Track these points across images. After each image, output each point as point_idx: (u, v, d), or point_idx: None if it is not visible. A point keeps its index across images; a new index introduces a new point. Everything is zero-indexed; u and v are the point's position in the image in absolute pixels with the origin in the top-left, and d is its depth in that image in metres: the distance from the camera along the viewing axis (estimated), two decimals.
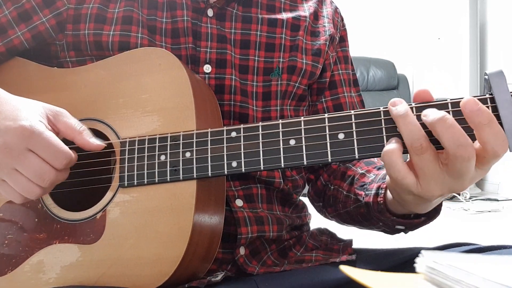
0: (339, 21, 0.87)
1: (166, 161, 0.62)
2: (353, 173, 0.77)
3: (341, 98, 0.84)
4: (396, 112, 0.53)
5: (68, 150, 0.59)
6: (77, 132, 0.62)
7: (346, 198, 0.76)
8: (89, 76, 0.70)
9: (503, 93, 0.51)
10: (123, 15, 0.72)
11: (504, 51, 3.77)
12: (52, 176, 0.58)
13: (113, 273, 0.61)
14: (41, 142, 0.57)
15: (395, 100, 0.54)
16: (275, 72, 0.76)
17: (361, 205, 0.71)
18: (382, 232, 0.74)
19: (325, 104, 0.83)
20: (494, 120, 0.49)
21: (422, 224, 0.65)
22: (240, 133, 0.60)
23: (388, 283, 0.40)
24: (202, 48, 0.73)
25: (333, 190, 0.80)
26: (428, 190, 0.53)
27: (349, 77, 0.87)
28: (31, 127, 0.56)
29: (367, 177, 0.73)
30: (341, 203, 0.77)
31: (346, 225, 0.82)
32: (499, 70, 0.52)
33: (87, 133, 0.63)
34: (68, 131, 0.62)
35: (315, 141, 0.57)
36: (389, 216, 0.65)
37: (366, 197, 0.69)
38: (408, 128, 0.52)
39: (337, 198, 0.78)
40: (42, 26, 0.73)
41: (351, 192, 0.75)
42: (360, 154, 0.55)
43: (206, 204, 0.63)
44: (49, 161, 0.57)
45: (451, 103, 0.53)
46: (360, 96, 0.88)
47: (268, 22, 0.78)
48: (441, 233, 2.36)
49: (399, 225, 0.66)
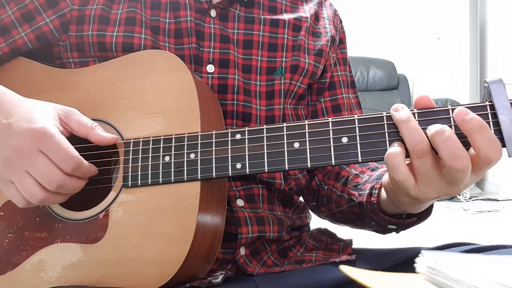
0: (338, 23, 0.88)
1: (170, 162, 0.62)
2: (347, 173, 0.78)
3: (340, 99, 0.85)
4: (399, 118, 0.54)
5: (77, 155, 0.59)
6: (90, 129, 0.63)
7: (340, 198, 0.77)
8: (93, 77, 0.70)
9: (502, 100, 0.52)
10: (126, 16, 0.73)
11: (504, 51, 3.77)
12: (59, 180, 0.58)
13: (115, 273, 0.61)
14: (52, 144, 0.57)
15: (397, 106, 0.55)
16: (278, 72, 0.77)
17: (354, 205, 0.72)
18: (374, 231, 0.75)
19: (323, 104, 0.84)
20: (485, 126, 0.50)
21: (414, 224, 0.67)
22: (244, 135, 0.61)
23: (388, 283, 0.40)
24: (205, 48, 0.73)
25: (327, 190, 0.81)
26: (425, 192, 0.55)
27: (348, 79, 0.88)
28: (43, 129, 0.57)
29: (360, 177, 0.74)
30: (335, 203, 0.78)
31: (339, 224, 0.83)
32: (499, 78, 0.54)
33: (99, 128, 0.64)
34: (81, 129, 0.63)
35: (319, 144, 0.58)
36: (382, 216, 0.66)
37: (360, 196, 0.70)
38: (411, 133, 0.53)
39: (331, 197, 0.79)
40: (45, 26, 0.74)
41: (345, 192, 0.76)
42: (363, 157, 0.56)
43: (209, 205, 0.63)
44: (57, 163, 0.58)
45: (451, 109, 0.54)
46: (357, 98, 0.90)
47: (271, 23, 0.78)
48: (441, 233, 2.36)
49: (391, 224, 0.68)
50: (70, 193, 0.62)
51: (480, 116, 0.52)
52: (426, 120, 0.55)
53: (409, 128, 0.53)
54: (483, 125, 0.50)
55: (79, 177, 0.61)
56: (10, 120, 0.58)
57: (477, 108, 0.53)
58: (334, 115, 0.84)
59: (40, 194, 0.58)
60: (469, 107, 0.53)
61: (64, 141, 0.59)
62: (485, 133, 0.50)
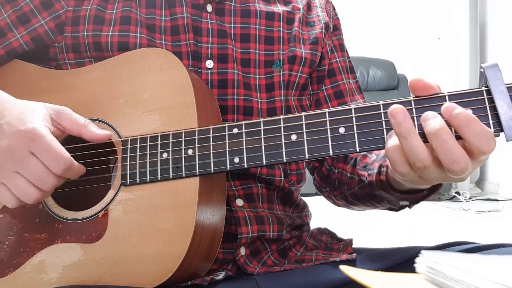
0: (332, 10, 0.89)
1: (168, 158, 0.62)
2: (355, 155, 0.78)
3: (341, 85, 0.85)
4: (399, 132, 0.51)
5: (68, 156, 0.59)
6: (82, 126, 0.63)
7: (351, 180, 0.77)
8: (89, 76, 0.70)
9: (498, 84, 0.52)
10: (121, 15, 0.73)
11: (504, 51, 3.77)
12: (53, 181, 0.59)
13: (115, 271, 0.61)
14: (42, 146, 0.57)
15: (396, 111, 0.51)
16: (276, 64, 0.78)
17: (365, 185, 0.72)
18: (388, 210, 0.75)
19: (325, 92, 0.85)
20: (472, 120, 0.49)
21: (426, 197, 0.66)
22: (242, 129, 0.61)
23: (388, 283, 0.40)
24: (203, 43, 0.74)
25: (337, 173, 0.81)
26: (430, 182, 0.56)
27: (346, 64, 0.88)
28: (34, 130, 0.57)
29: (368, 157, 0.75)
30: (346, 185, 0.79)
31: (353, 207, 0.83)
32: (494, 63, 0.53)
33: (92, 125, 0.64)
34: (73, 127, 0.63)
35: (316, 136, 0.58)
36: (392, 193, 0.66)
37: (369, 176, 0.70)
38: (412, 151, 0.51)
39: (342, 180, 0.80)
40: (41, 28, 0.74)
41: (355, 173, 0.76)
42: (361, 147, 0.56)
43: (208, 201, 0.63)
44: (48, 165, 0.58)
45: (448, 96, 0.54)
46: (357, 83, 0.90)
47: (266, 16, 0.79)
48: (441, 233, 2.36)
49: (403, 200, 0.68)
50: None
51: (477, 102, 0.52)
52: (422, 107, 0.54)
53: (410, 146, 0.51)
54: (470, 119, 0.49)
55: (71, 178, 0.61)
56: (1, 122, 0.58)
57: (474, 94, 0.53)
58: (337, 101, 0.84)
59: (35, 193, 0.58)
60: (465, 93, 0.53)
61: (55, 142, 0.58)
62: (473, 126, 0.49)
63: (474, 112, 0.52)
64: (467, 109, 0.51)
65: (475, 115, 0.51)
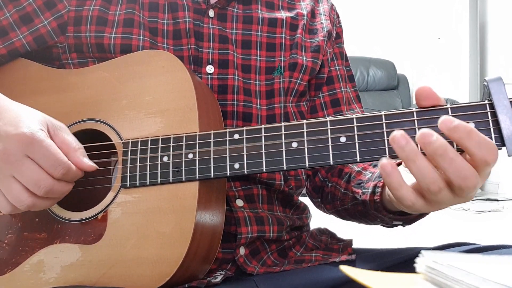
0: (335, 18, 0.88)
1: (168, 162, 0.62)
2: (350, 170, 0.78)
3: (338, 94, 0.85)
4: (406, 156, 0.50)
5: (66, 160, 0.59)
6: (72, 149, 0.61)
7: (344, 196, 0.77)
8: (92, 77, 0.70)
9: (501, 99, 0.52)
10: (125, 17, 0.73)
11: (504, 51, 3.77)
12: (48, 185, 0.58)
13: (114, 273, 0.61)
14: (40, 150, 0.57)
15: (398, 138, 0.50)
16: (277, 71, 0.77)
17: (358, 203, 0.72)
18: (381, 226, 0.76)
19: (322, 100, 0.84)
20: (473, 131, 0.48)
21: (419, 218, 0.67)
22: (242, 135, 0.60)
23: (388, 283, 0.40)
24: (204, 49, 0.73)
25: (331, 187, 0.81)
26: (439, 208, 0.54)
27: (345, 73, 0.88)
28: (31, 135, 0.57)
29: (363, 174, 0.74)
30: (339, 201, 0.79)
31: (346, 220, 0.83)
32: (498, 77, 0.53)
33: (82, 152, 0.62)
34: (64, 146, 0.60)
35: (317, 144, 0.57)
36: (386, 214, 0.66)
37: (363, 195, 0.69)
38: (421, 173, 0.50)
39: (335, 195, 0.79)
40: (43, 28, 0.73)
41: (349, 190, 0.76)
42: (361, 157, 0.56)
43: (207, 205, 0.63)
44: (47, 169, 0.58)
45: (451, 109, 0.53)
46: (356, 92, 0.89)
47: (269, 22, 0.78)
48: (441, 233, 2.36)
49: (396, 221, 0.68)
50: (58, 198, 0.61)
51: (479, 115, 0.52)
52: (426, 119, 0.54)
53: (419, 168, 0.49)
54: (470, 131, 0.48)
55: (67, 181, 0.60)
56: None
57: (477, 107, 0.53)
58: (333, 109, 0.84)
59: (28, 199, 0.58)
60: (468, 106, 0.53)
61: (53, 146, 0.58)
62: (474, 138, 0.48)
63: (476, 125, 0.52)
64: (469, 122, 0.51)
65: (477, 128, 0.50)
